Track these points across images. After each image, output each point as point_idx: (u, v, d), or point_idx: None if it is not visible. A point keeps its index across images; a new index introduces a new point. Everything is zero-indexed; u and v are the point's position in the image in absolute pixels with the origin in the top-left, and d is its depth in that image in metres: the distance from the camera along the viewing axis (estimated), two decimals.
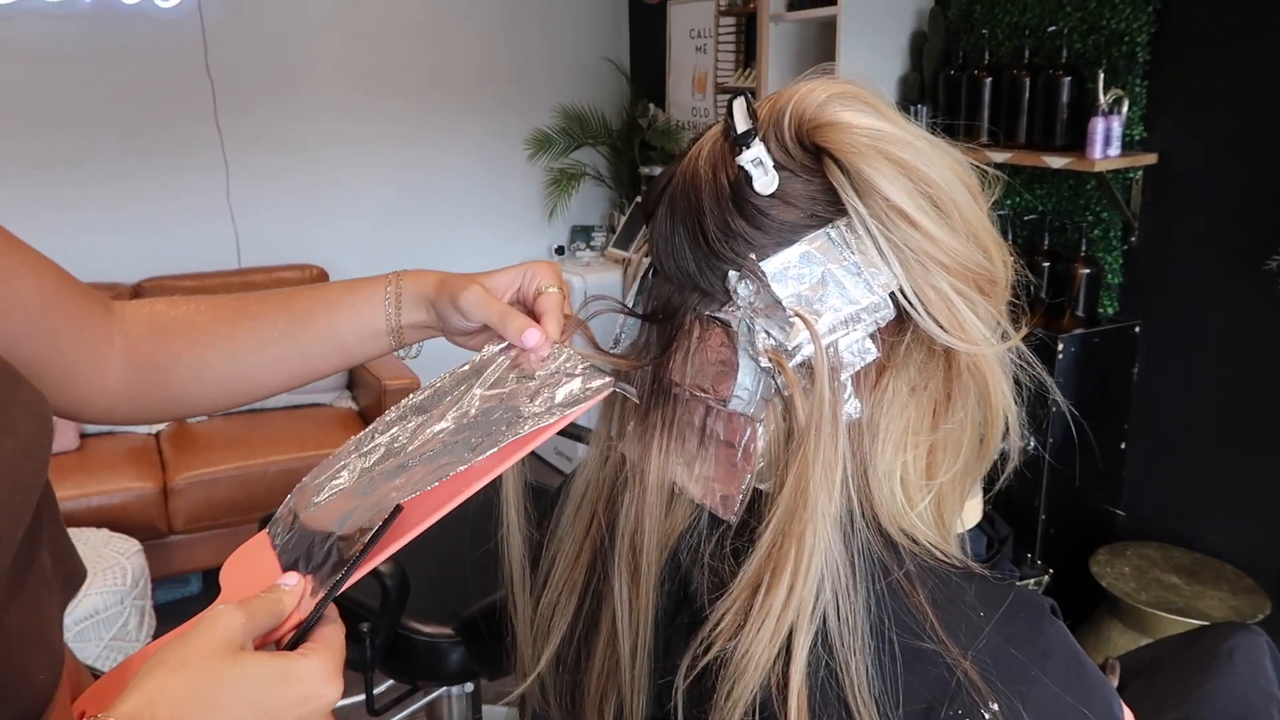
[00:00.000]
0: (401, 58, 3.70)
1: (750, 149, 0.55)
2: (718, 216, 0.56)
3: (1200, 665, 1.10)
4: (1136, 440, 2.37)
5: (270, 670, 0.48)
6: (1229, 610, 2.01)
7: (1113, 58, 2.23)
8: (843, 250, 0.55)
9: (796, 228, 0.55)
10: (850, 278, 0.55)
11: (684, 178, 0.59)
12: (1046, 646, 0.56)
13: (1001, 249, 0.58)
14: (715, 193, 0.57)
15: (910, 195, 0.54)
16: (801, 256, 0.55)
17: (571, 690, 0.68)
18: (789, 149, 0.56)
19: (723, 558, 0.59)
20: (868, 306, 0.55)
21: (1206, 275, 2.17)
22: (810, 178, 0.56)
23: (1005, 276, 0.59)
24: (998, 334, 0.58)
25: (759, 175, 0.55)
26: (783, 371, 0.55)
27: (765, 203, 0.55)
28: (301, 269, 3.50)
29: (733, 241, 0.56)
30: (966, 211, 0.56)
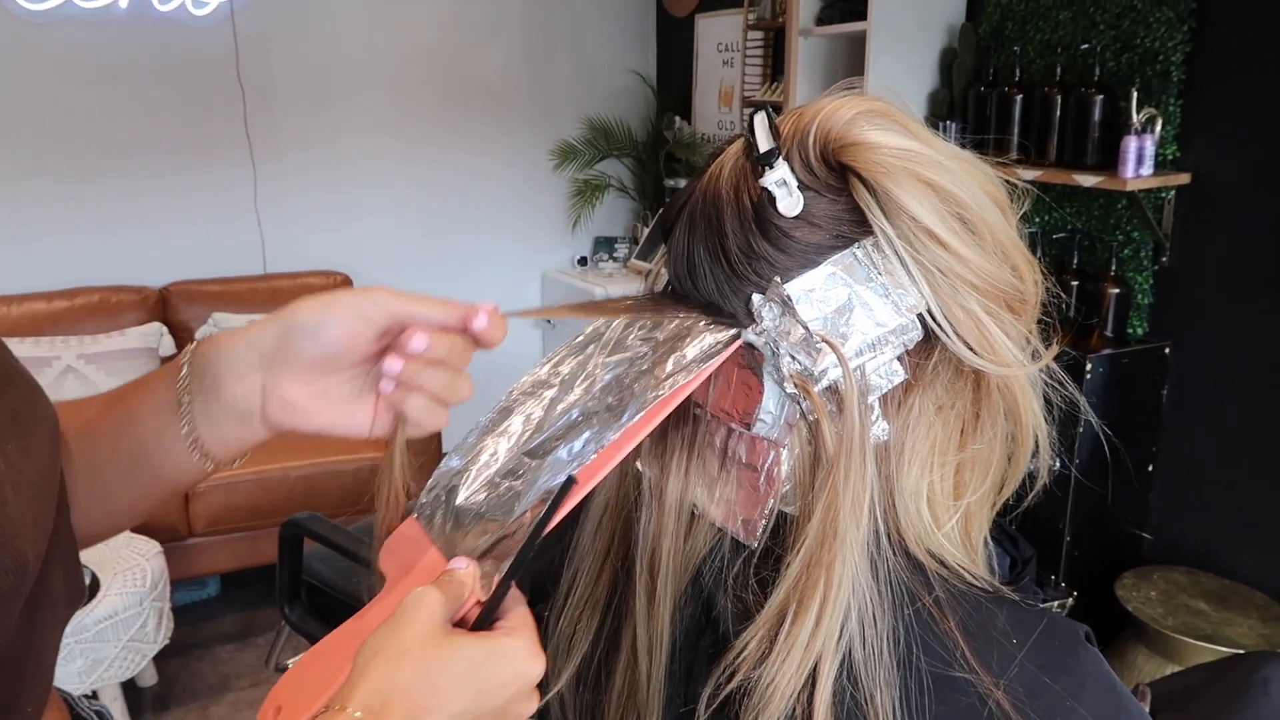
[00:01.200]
0: (429, 68, 3.72)
1: (774, 169, 0.53)
2: (740, 238, 0.55)
3: (1233, 695, 1.07)
4: (1165, 463, 2.33)
5: (482, 651, 0.49)
6: (1258, 638, 1.97)
7: (1146, 76, 2.21)
8: (869, 271, 0.54)
9: (821, 249, 0.54)
10: (877, 299, 0.54)
11: (705, 196, 0.57)
12: (1082, 676, 0.54)
13: (1032, 266, 0.57)
14: (738, 213, 0.55)
15: (940, 216, 0.52)
16: (827, 278, 0.54)
17: (592, 710, 0.66)
18: (813, 168, 0.54)
19: (747, 584, 0.57)
20: (895, 329, 0.54)
21: (1238, 297, 2.14)
22: (835, 197, 0.54)
23: (1036, 294, 0.57)
24: (1028, 353, 0.57)
25: (783, 196, 0.53)
26: (809, 397, 0.54)
27: (789, 224, 0.54)
28: (326, 275, 3.53)
29: (756, 264, 0.54)
30: (997, 230, 0.55)
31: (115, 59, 3.27)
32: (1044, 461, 0.60)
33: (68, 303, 3.11)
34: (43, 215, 3.25)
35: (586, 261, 4.04)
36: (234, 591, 3.14)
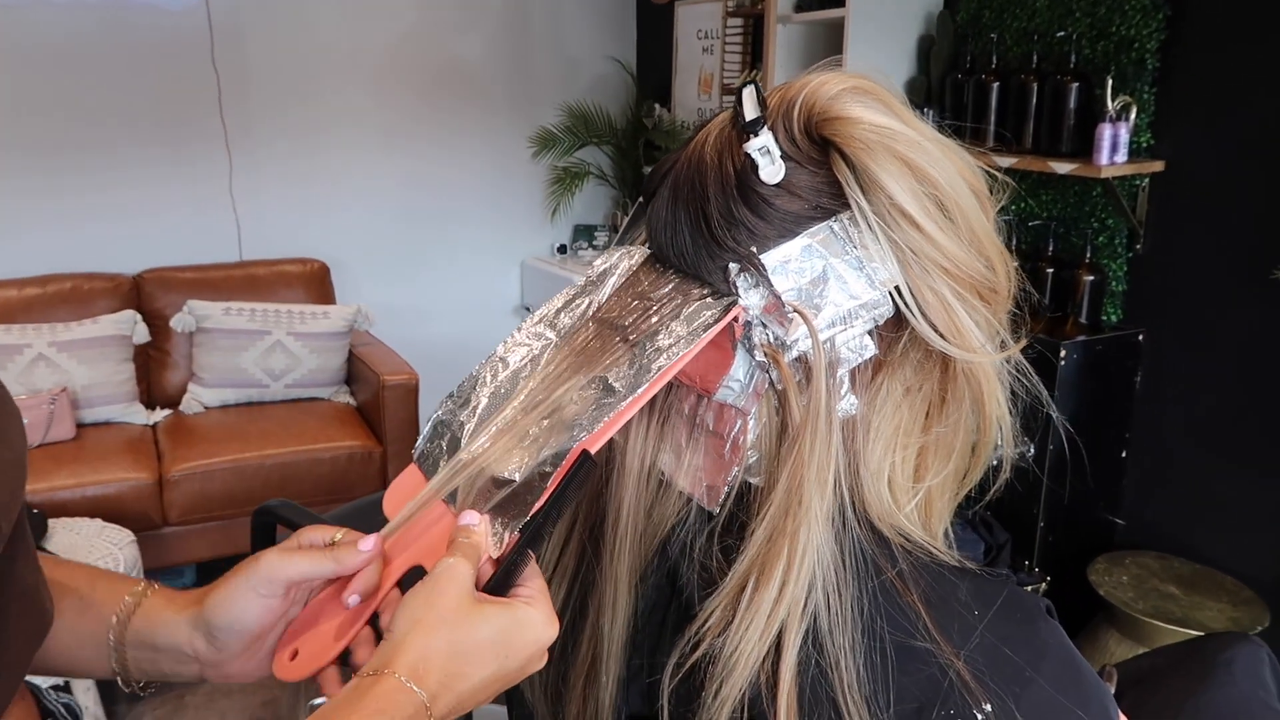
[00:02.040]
0: (407, 53, 3.70)
1: (758, 137, 0.54)
2: (722, 204, 0.55)
3: (1199, 675, 1.08)
4: (1137, 449, 2.35)
5: (509, 619, 0.53)
6: (1228, 621, 1.99)
7: (1121, 64, 2.22)
8: (845, 244, 0.54)
9: (800, 219, 0.54)
10: (852, 273, 0.54)
11: (689, 163, 0.58)
12: (1042, 648, 0.55)
13: (1005, 259, 0.57)
14: (720, 179, 0.55)
15: (915, 196, 0.53)
16: (803, 250, 0.54)
17: (557, 681, 0.67)
18: (796, 139, 0.55)
19: (711, 553, 0.58)
20: (868, 303, 0.54)
21: (1211, 284, 2.16)
22: (816, 170, 0.54)
23: (1008, 286, 0.57)
24: (996, 343, 0.57)
25: (765, 164, 0.54)
26: (777, 366, 0.54)
27: (770, 192, 0.54)
28: (303, 262, 3.50)
29: (735, 230, 0.55)
30: (972, 219, 0.55)
31: (86, 43, 3.22)
32: (1007, 452, 0.61)
33: (39, 290, 3.07)
34: (13, 203, 3.21)
35: (566, 249, 4.03)
36: (209, 581, 3.11)
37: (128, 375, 3.06)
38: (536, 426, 0.55)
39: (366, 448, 3.00)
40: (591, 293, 0.62)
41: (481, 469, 0.55)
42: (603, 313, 0.60)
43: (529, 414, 0.56)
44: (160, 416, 3.13)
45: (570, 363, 0.58)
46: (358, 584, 0.56)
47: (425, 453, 0.60)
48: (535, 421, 0.55)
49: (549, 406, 0.56)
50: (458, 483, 0.56)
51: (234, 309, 3.16)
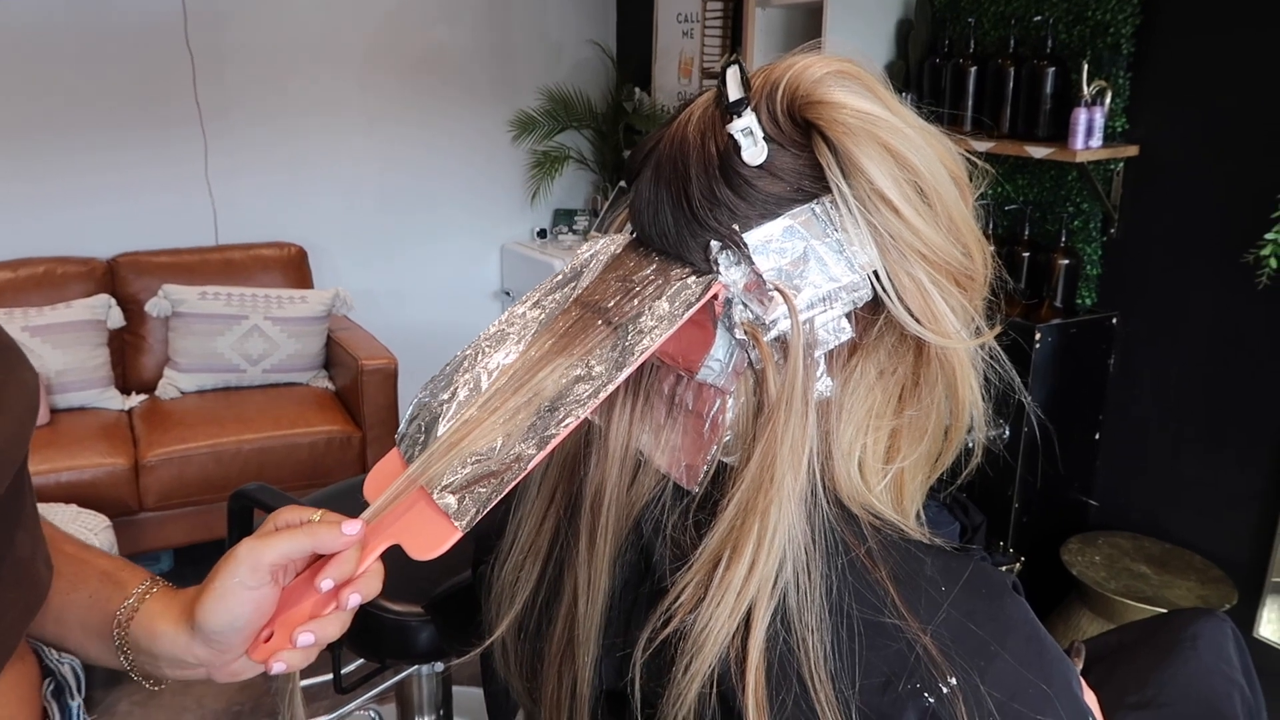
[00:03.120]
0: (385, 36, 3.66)
1: (741, 118, 0.54)
2: (704, 184, 0.55)
3: (1164, 650, 1.10)
4: (1110, 431, 2.38)
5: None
6: (1197, 599, 2.03)
7: (1097, 49, 2.23)
8: (826, 226, 0.55)
9: (781, 200, 0.55)
10: (832, 255, 0.55)
11: (672, 142, 0.58)
12: (1007, 623, 0.56)
13: (982, 247, 0.58)
14: (703, 160, 0.56)
15: (895, 182, 0.53)
16: (785, 230, 0.55)
17: (532, 658, 0.67)
18: (779, 122, 0.55)
19: (685, 530, 0.58)
20: (847, 285, 0.55)
21: (1185, 267, 2.18)
22: (799, 152, 0.55)
23: (984, 274, 0.58)
24: (971, 329, 0.58)
25: (748, 145, 0.54)
26: (758, 345, 0.55)
27: (752, 173, 0.55)
28: (280, 246, 3.47)
29: (717, 210, 0.55)
30: (950, 206, 0.56)
31: (56, 22, 3.17)
32: (980, 436, 0.62)
33: (11, 274, 3.04)
34: None
35: (546, 234, 4.02)
36: (187, 566, 3.10)
37: (102, 360, 3.03)
38: (516, 406, 0.56)
39: (345, 432, 2.98)
40: (575, 279, 0.62)
41: (460, 450, 0.56)
42: (585, 295, 0.60)
43: (510, 396, 0.56)
44: (136, 402, 3.11)
45: (553, 345, 0.58)
46: (333, 569, 0.56)
47: (405, 435, 0.60)
48: (515, 402, 0.56)
49: (530, 389, 0.56)
50: (438, 466, 0.56)
51: (210, 293, 3.14)
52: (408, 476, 0.57)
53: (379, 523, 0.57)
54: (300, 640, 0.56)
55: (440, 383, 0.60)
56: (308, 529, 0.56)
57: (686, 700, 0.55)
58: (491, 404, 0.56)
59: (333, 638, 0.57)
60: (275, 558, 0.56)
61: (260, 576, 0.56)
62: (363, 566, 0.57)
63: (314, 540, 0.56)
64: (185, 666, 0.61)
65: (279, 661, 0.57)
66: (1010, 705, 0.53)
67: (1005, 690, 0.53)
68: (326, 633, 0.57)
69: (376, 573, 0.57)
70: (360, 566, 0.57)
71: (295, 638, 0.56)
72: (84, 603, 0.65)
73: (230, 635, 0.57)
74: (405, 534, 0.56)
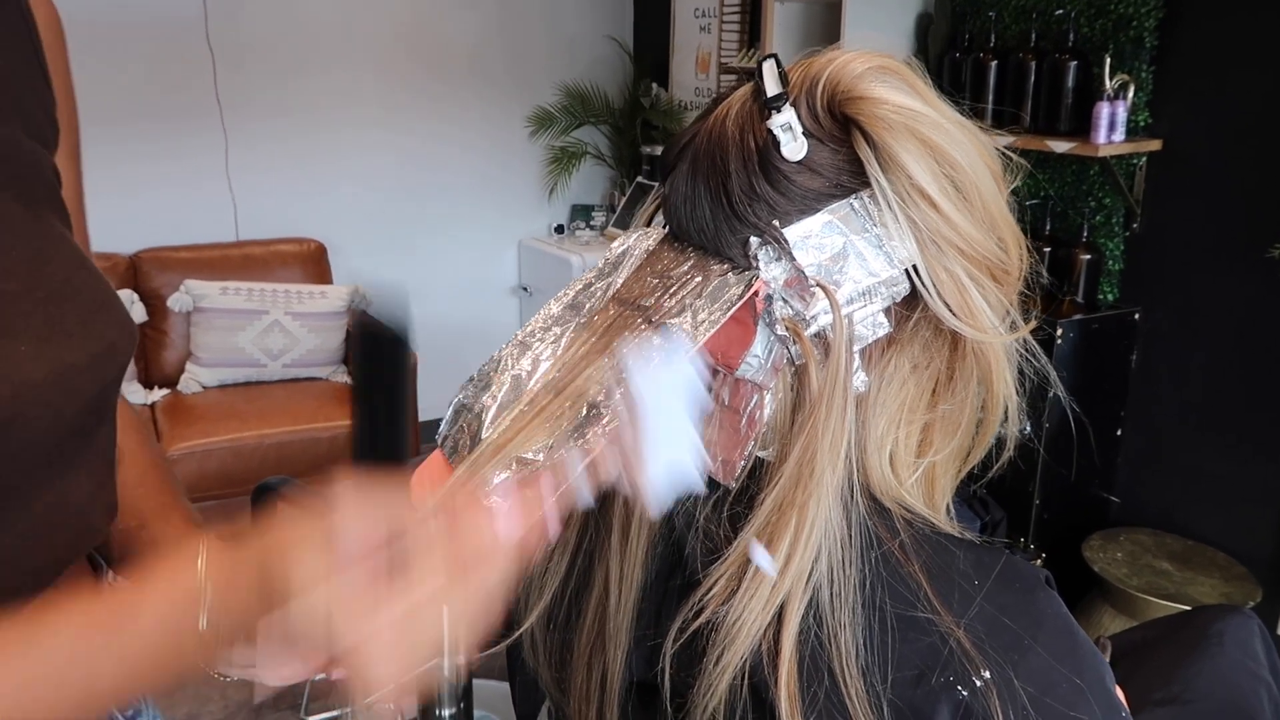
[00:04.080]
0: (404, 32, 3.67)
1: (780, 113, 0.54)
2: (743, 179, 0.55)
3: (1189, 646, 1.10)
4: (1132, 427, 2.37)
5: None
6: (1220, 597, 2.02)
7: (1120, 42, 2.21)
8: (865, 222, 0.55)
9: (821, 196, 0.55)
10: (871, 250, 0.55)
11: (710, 137, 0.58)
12: (1040, 617, 0.56)
13: (1019, 241, 0.58)
14: (742, 154, 0.56)
15: (934, 177, 0.53)
16: (824, 226, 0.55)
17: (561, 649, 0.68)
18: (819, 117, 0.55)
19: (719, 522, 0.59)
20: (886, 280, 0.55)
21: (1207, 263, 2.17)
22: (838, 147, 0.55)
23: (1020, 268, 0.59)
24: (1007, 323, 0.58)
25: (787, 141, 0.54)
26: (799, 341, 0.55)
27: (791, 169, 0.55)
28: (300, 242, 3.49)
29: (756, 205, 0.55)
30: (989, 200, 0.56)
31: (77, 20, 3.19)
32: (1011, 431, 0.62)
33: None
34: None
35: (564, 229, 4.03)
36: None
37: None
38: (560, 409, 0.55)
39: None
40: (610, 275, 0.62)
41: (506, 454, 0.56)
42: (623, 293, 0.60)
43: (553, 398, 0.56)
44: (158, 396, 3.14)
45: (593, 344, 0.58)
46: None
47: (448, 437, 0.61)
48: (559, 405, 0.56)
49: (573, 391, 0.56)
50: (485, 469, 0.55)
51: (231, 288, 3.16)
52: (455, 480, 0.57)
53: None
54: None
55: (480, 383, 0.60)
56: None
57: (718, 691, 0.55)
58: (535, 404, 0.56)
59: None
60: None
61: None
62: None
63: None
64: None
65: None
66: (1043, 699, 0.53)
67: (1039, 684, 0.53)
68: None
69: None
70: None
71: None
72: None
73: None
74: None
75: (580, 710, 0.66)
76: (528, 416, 0.56)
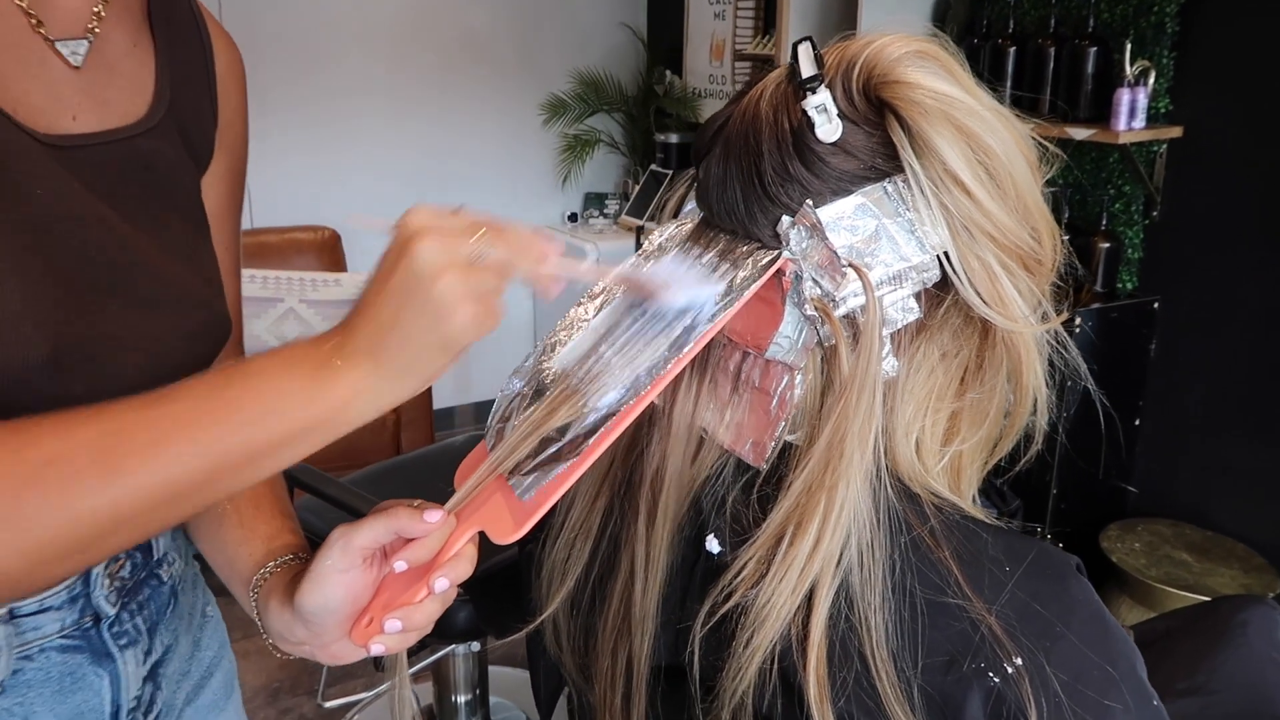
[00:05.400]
0: (418, 19, 3.66)
1: (816, 94, 0.54)
2: (776, 160, 0.55)
3: (1213, 637, 1.09)
4: (1151, 417, 2.35)
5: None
6: (1239, 588, 2.00)
7: (1140, 28, 2.19)
8: (898, 205, 0.55)
9: (854, 178, 0.55)
10: (903, 234, 0.55)
11: (743, 117, 0.58)
12: (1072, 604, 0.55)
13: (1053, 232, 0.58)
14: (775, 136, 0.56)
15: (968, 163, 0.53)
16: (857, 208, 0.54)
17: (584, 635, 0.67)
18: (854, 100, 0.55)
19: (747, 504, 0.58)
20: (917, 265, 0.55)
21: (1228, 251, 2.14)
22: (872, 130, 0.55)
23: (1053, 258, 0.58)
24: (1038, 314, 0.58)
25: (822, 122, 0.54)
26: (829, 321, 0.54)
27: (825, 150, 0.54)
28: (314, 230, 3.49)
29: (789, 186, 0.55)
30: (1023, 189, 0.55)
31: None
32: (1040, 423, 0.61)
33: None
34: None
35: (577, 218, 4.02)
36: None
37: None
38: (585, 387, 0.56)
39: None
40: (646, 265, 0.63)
41: (535, 435, 0.56)
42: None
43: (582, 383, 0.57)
44: None
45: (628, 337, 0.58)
46: (408, 552, 0.57)
47: (490, 428, 0.62)
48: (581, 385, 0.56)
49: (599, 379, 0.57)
50: (519, 455, 0.56)
51: (246, 276, 3.16)
52: (489, 464, 0.57)
53: (464, 509, 0.58)
54: (387, 626, 0.57)
55: (523, 375, 0.62)
56: (392, 513, 0.56)
57: (747, 675, 0.55)
58: (565, 391, 0.57)
59: (421, 624, 0.58)
60: (364, 541, 0.57)
61: (350, 559, 0.57)
62: (450, 551, 0.57)
63: (396, 524, 0.56)
64: (290, 643, 0.64)
65: (378, 644, 0.58)
66: (1075, 686, 0.52)
67: (1071, 671, 0.53)
68: (414, 619, 0.57)
69: (467, 558, 0.58)
70: (448, 550, 0.57)
71: (384, 623, 0.57)
72: (243, 558, 0.70)
73: (324, 616, 0.58)
74: (488, 520, 0.56)
75: (605, 695, 0.66)
76: (558, 402, 0.56)
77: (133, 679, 0.73)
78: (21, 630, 0.65)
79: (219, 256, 0.76)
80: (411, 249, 0.50)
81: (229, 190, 0.81)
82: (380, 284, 0.51)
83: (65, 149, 0.62)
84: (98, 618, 0.70)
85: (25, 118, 0.60)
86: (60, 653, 0.67)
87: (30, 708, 0.66)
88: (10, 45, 0.61)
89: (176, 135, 0.71)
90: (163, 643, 0.77)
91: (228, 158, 0.81)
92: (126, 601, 0.73)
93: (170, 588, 0.79)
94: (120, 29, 0.69)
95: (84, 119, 0.64)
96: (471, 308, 0.50)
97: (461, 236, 0.50)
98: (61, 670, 0.67)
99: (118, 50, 0.68)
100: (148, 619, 0.75)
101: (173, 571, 0.79)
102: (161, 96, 0.70)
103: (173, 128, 0.71)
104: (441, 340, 0.51)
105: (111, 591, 0.71)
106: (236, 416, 0.51)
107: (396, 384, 0.53)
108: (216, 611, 0.88)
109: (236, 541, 0.71)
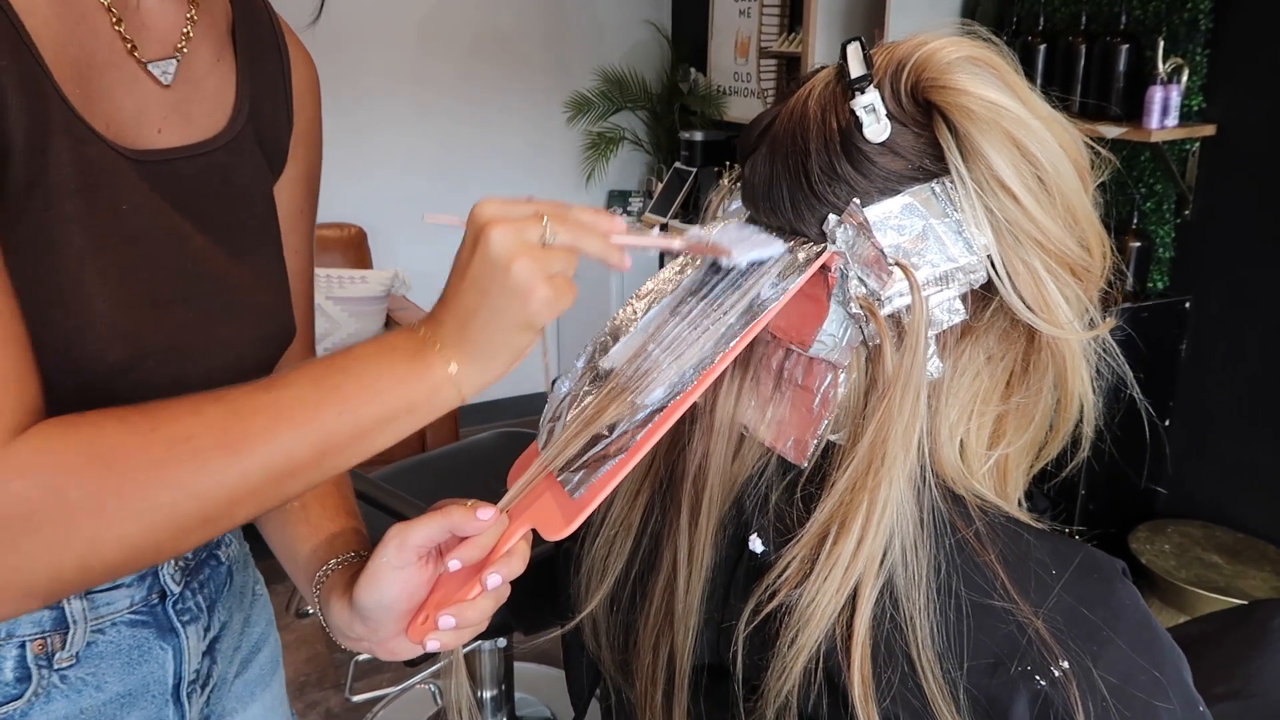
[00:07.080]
0: (443, 16, 3.68)
1: (865, 94, 0.54)
2: (824, 159, 0.55)
3: (1250, 641, 1.08)
4: (1181, 417, 2.33)
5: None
6: (1271, 591, 1.98)
7: (1173, 25, 2.17)
8: (945, 206, 0.55)
9: (902, 178, 0.55)
10: (950, 235, 0.55)
11: (791, 116, 0.58)
12: (1119, 608, 0.55)
13: (1101, 239, 0.57)
14: (823, 134, 0.56)
15: (1016, 170, 0.53)
16: (904, 208, 0.55)
17: (625, 631, 0.68)
18: (903, 101, 0.55)
19: (791, 504, 0.58)
20: (964, 266, 0.55)
21: (1261, 251, 2.12)
22: (920, 131, 0.55)
23: (1101, 266, 0.58)
24: (1085, 320, 0.57)
25: (870, 122, 0.54)
26: (874, 320, 0.55)
27: (873, 150, 0.55)
28: (340, 227, 3.52)
29: (836, 185, 0.55)
30: (1071, 197, 0.55)
31: None
32: (1087, 430, 0.61)
33: None
34: None
35: None
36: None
37: None
38: (634, 384, 0.57)
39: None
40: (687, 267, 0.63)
41: (585, 434, 0.57)
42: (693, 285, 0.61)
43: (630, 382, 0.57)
44: None
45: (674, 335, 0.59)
46: (461, 550, 0.58)
47: (542, 427, 0.63)
48: (629, 383, 0.57)
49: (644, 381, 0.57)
50: (569, 453, 0.57)
51: None
52: (540, 462, 0.58)
53: (515, 507, 0.59)
54: (441, 623, 0.58)
55: (573, 376, 0.63)
56: (446, 512, 0.58)
57: (792, 674, 0.55)
58: (615, 389, 0.58)
59: (475, 621, 0.59)
60: (419, 540, 0.58)
61: (406, 557, 0.58)
62: (503, 549, 0.58)
63: (451, 523, 0.57)
64: (350, 639, 0.65)
65: (433, 640, 0.59)
66: (1124, 690, 0.52)
67: (1118, 675, 0.52)
68: (467, 616, 0.59)
69: (520, 555, 0.59)
70: (500, 548, 0.58)
71: (438, 619, 0.58)
72: (308, 553, 0.73)
73: (380, 613, 0.60)
74: (539, 517, 0.57)
75: (646, 692, 0.66)
76: (607, 401, 0.57)
77: (194, 653, 0.77)
78: (95, 605, 0.68)
79: (290, 260, 0.80)
80: (485, 238, 0.53)
81: (303, 195, 0.86)
82: (460, 274, 0.55)
83: (149, 163, 0.64)
84: (164, 595, 0.73)
85: (115, 134, 0.62)
86: (130, 627, 0.71)
87: (102, 678, 0.69)
88: (106, 66, 0.63)
89: (254, 145, 0.74)
90: (219, 619, 0.81)
91: (302, 166, 0.85)
92: (189, 580, 0.76)
93: (228, 568, 0.82)
94: (206, 45, 0.71)
95: (168, 133, 0.67)
96: (546, 287, 0.53)
97: (530, 222, 0.53)
98: (130, 643, 0.71)
99: (203, 66, 0.71)
100: (208, 597, 0.78)
101: (230, 552, 0.83)
102: (240, 109, 0.73)
103: (250, 138, 0.74)
104: (522, 320, 0.54)
105: (176, 570, 0.74)
106: (344, 401, 0.55)
107: (486, 365, 0.56)
108: (265, 590, 0.92)
109: (302, 538, 0.74)
